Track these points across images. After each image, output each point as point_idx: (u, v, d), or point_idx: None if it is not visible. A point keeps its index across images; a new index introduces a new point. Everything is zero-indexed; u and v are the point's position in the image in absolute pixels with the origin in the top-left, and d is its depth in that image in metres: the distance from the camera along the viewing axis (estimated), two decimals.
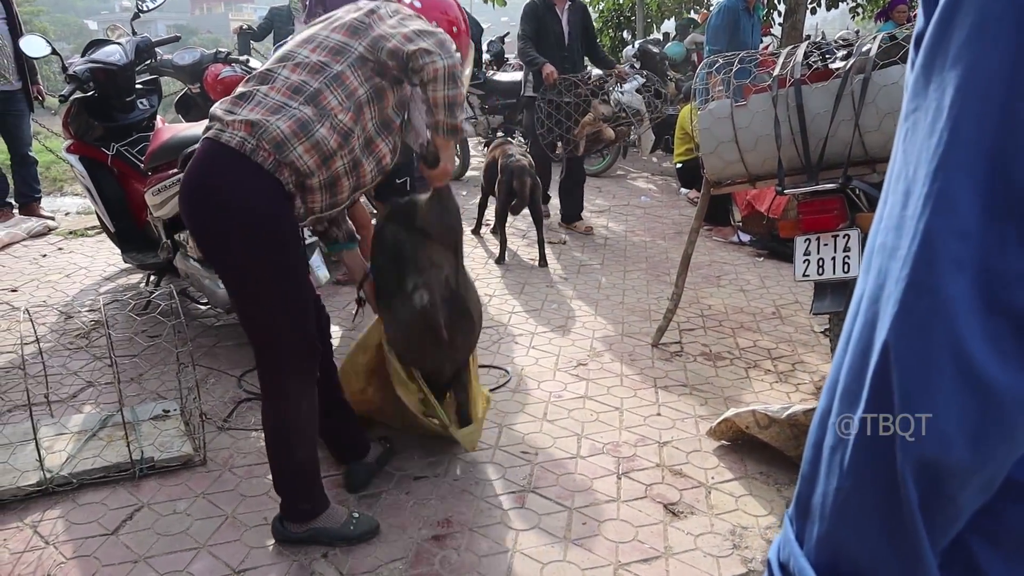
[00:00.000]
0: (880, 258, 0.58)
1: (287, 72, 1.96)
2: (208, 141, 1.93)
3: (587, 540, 2.19)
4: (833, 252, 2.69)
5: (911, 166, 0.56)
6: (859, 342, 0.59)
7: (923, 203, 0.54)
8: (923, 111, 0.56)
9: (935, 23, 0.56)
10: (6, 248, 4.97)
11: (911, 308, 0.54)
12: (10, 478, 2.33)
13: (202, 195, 1.93)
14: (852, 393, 0.58)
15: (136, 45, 4.02)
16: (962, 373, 0.52)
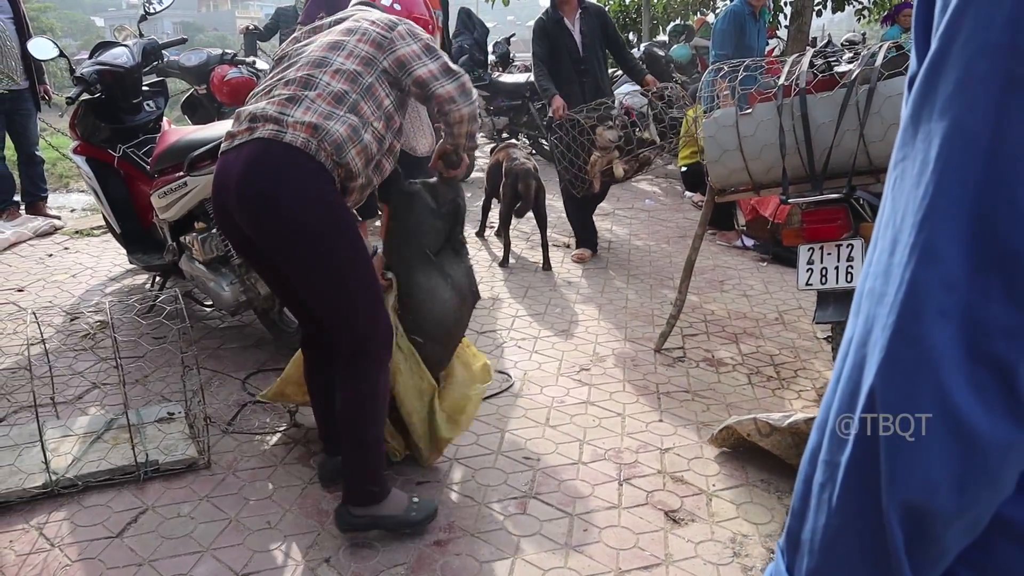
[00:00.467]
0: (868, 303, 0.59)
1: (328, 79, 2.07)
2: (267, 142, 1.98)
3: (588, 547, 2.20)
4: (836, 261, 2.70)
5: (899, 214, 0.58)
6: (847, 384, 0.60)
7: (909, 252, 0.56)
8: (911, 160, 0.58)
9: (923, 74, 0.57)
10: (12, 247, 4.99)
11: (897, 355, 0.55)
12: (16, 480, 2.35)
13: (272, 192, 1.99)
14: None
15: (143, 47, 4.04)
16: (946, 421, 0.53)
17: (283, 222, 2.00)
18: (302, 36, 2.29)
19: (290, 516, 2.29)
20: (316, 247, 2.02)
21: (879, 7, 11.31)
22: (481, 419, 2.87)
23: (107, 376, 3.17)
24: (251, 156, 2.00)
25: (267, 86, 2.15)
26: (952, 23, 0.55)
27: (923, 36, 0.62)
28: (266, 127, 2.00)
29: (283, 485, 2.44)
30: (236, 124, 2.10)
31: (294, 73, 2.10)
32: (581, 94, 4.81)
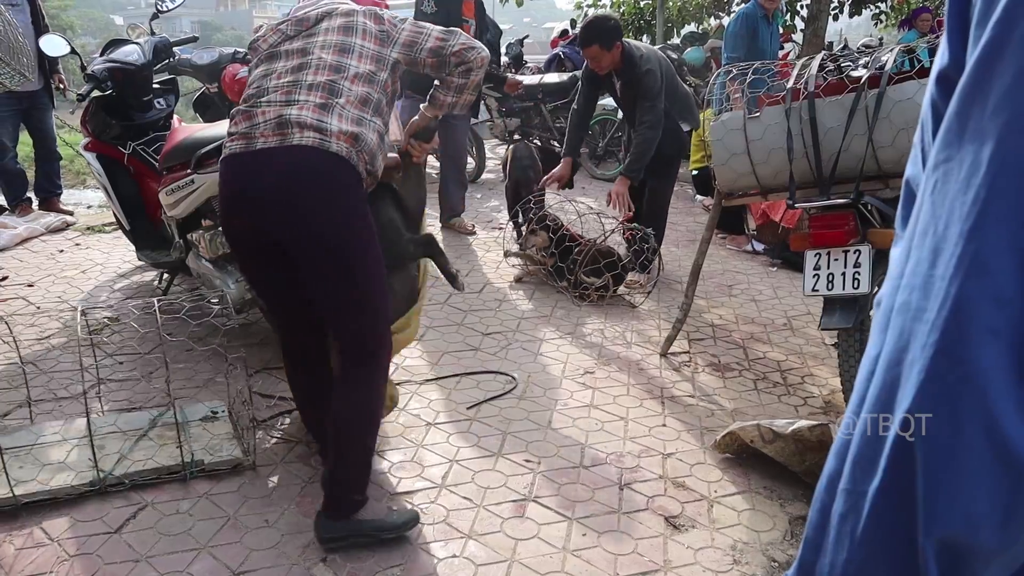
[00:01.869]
0: (902, 319, 0.54)
1: (349, 84, 2.10)
2: (310, 150, 1.99)
3: (586, 551, 2.18)
4: (843, 267, 2.67)
5: (941, 222, 0.52)
6: (875, 406, 0.55)
7: (956, 264, 0.50)
8: (956, 162, 0.52)
9: (974, 67, 0.51)
10: (24, 243, 5.03)
11: (939, 378, 0.50)
12: (65, 476, 2.36)
13: (318, 200, 2.02)
14: (867, 461, 0.55)
15: (154, 45, 4.06)
16: (994, 450, 0.48)
17: (325, 230, 2.02)
18: (288, 30, 2.22)
19: (288, 515, 2.28)
20: (352, 256, 2.07)
21: (896, 11, 11.24)
22: (483, 420, 2.86)
23: (111, 372, 3.18)
24: (292, 163, 1.99)
25: (279, 87, 2.09)
26: (1010, 9, 0.49)
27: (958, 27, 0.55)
28: (305, 134, 2.00)
29: (281, 484, 2.44)
30: (246, 125, 2.05)
31: (313, 77, 2.08)
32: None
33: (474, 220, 5.69)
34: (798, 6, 10.39)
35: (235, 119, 2.11)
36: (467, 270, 4.63)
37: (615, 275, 4.18)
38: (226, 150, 2.10)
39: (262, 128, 2.02)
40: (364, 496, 2.17)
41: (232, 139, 2.09)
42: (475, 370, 3.29)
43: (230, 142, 2.09)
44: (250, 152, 2.02)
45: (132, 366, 3.25)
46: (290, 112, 2.02)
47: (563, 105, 7.81)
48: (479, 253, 5.05)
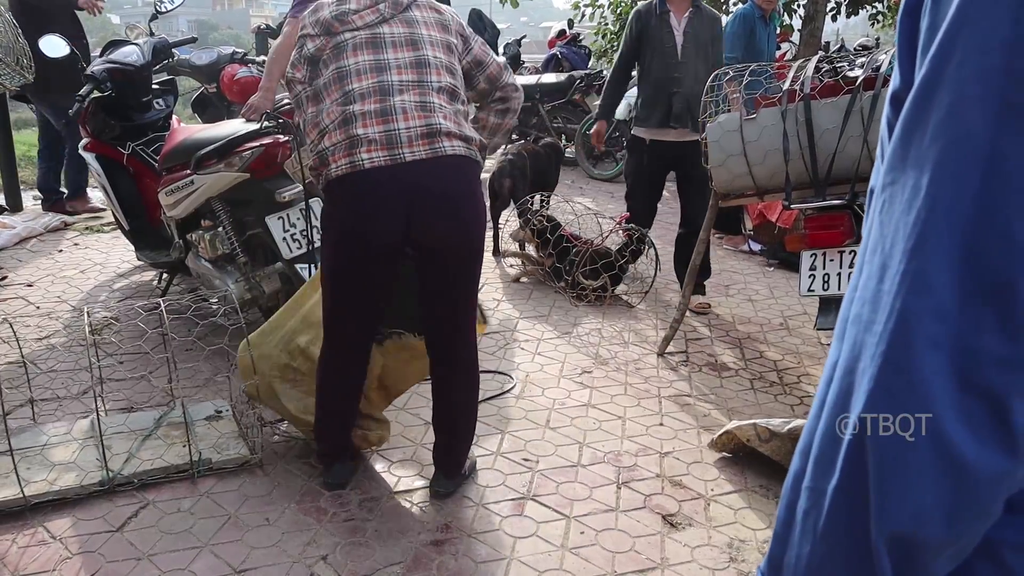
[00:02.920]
0: (855, 329, 0.58)
1: (461, 88, 2.21)
2: (463, 159, 2.10)
3: (584, 549, 2.20)
4: (839, 268, 2.69)
5: (887, 240, 0.56)
6: (833, 410, 0.59)
7: (900, 281, 0.54)
8: (900, 185, 0.56)
9: (913, 97, 0.55)
10: (23, 242, 5.04)
11: (887, 385, 0.54)
12: (73, 476, 2.37)
13: (474, 204, 2.17)
14: (826, 460, 0.59)
15: (153, 46, 4.07)
16: (938, 452, 0.52)
17: (476, 234, 2.18)
18: (385, 11, 2.14)
19: (288, 513, 2.30)
20: (480, 257, 2.26)
21: (893, 11, 11.27)
22: (482, 420, 2.88)
23: (112, 372, 3.19)
24: (449, 174, 2.08)
25: (405, 85, 2.07)
26: (945, 45, 0.53)
27: (908, 52, 0.60)
28: (454, 144, 2.08)
29: (282, 482, 2.45)
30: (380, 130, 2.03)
31: (437, 78, 2.11)
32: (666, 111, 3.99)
33: None
34: (795, 6, 10.41)
35: (364, 119, 2.04)
36: None
37: (612, 276, 4.20)
38: (362, 161, 2.03)
39: (407, 137, 2.04)
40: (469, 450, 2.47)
41: (369, 148, 2.03)
42: None
43: (367, 152, 2.02)
44: (399, 165, 2.03)
45: (132, 365, 3.26)
46: (437, 121, 2.06)
47: (561, 105, 7.84)
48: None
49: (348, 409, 2.42)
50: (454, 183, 2.09)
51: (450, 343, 2.32)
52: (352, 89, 2.09)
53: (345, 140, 2.06)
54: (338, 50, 2.13)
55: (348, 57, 2.11)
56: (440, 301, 2.26)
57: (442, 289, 2.23)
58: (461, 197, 2.11)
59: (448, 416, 2.38)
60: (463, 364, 2.35)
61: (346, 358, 2.35)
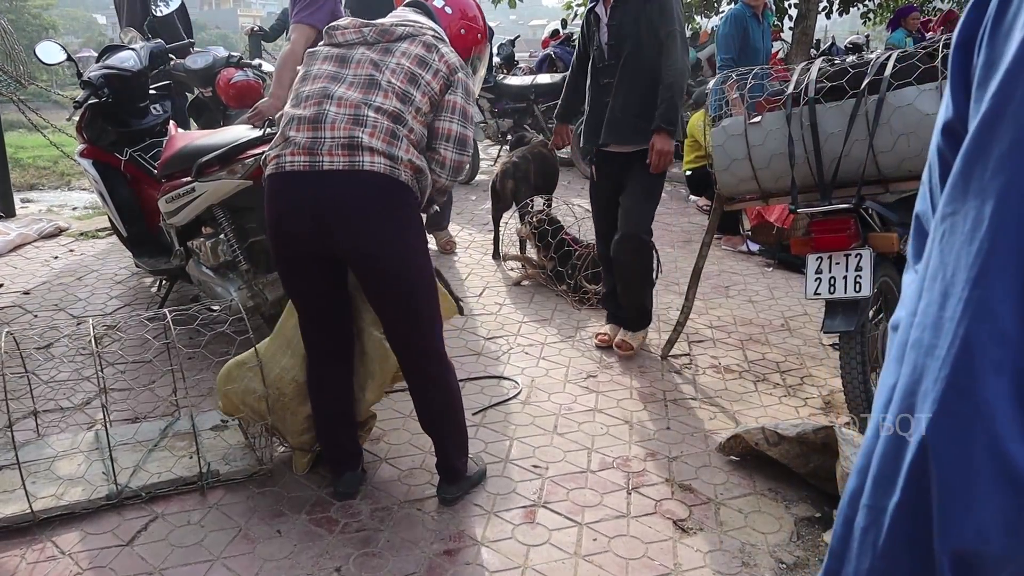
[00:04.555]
0: (915, 354, 0.60)
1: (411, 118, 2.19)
2: (382, 176, 2.10)
3: (597, 556, 2.20)
4: (845, 271, 2.70)
5: (949, 268, 0.59)
6: (893, 431, 0.61)
7: (963, 308, 0.56)
8: (961, 216, 0.58)
9: (975, 132, 0.58)
10: (17, 249, 5.00)
11: (950, 408, 0.56)
12: (80, 490, 2.36)
13: (391, 223, 2.17)
14: (886, 479, 0.61)
15: (150, 51, 4.04)
16: (1000, 471, 0.54)
17: (393, 251, 2.15)
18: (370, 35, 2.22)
19: (299, 525, 2.29)
20: (415, 277, 2.21)
21: (884, 9, 11.32)
22: (489, 426, 2.88)
23: (114, 382, 3.17)
24: (364, 188, 2.08)
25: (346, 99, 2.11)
26: (1007, 82, 0.55)
27: (961, 85, 0.62)
28: (376, 159, 2.07)
29: (292, 494, 2.44)
30: (308, 136, 2.08)
31: (383, 100, 2.13)
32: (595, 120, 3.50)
33: (469, 222, 5.71)
34: (786, 4, 10.44)
35: (298, 124, 2.10)
36: (465, 273, 4.65)
37: None
38: (284, 163, 2.09)
39: (329, 145, 2.07)
40: (467, 457, 2.47)
41: (292, 152, 2.09)
42: (479, 375, 3.31)
43: (290, 155, 2.09)
44: (315, 172, 2.07)
45: (135, 375, 3.24)
46: (360, 135, 2.07)
47: (555, 106, 7.83)
48: (477, 256, 5.06)
49: (342, 415, 2.43)
50: (367, 199, 2.09)
51: (406, 357, 2.33)
52: (301, 92, 2.18)
53: (280, 141, 2.15)
54: (312, 56, 2.26)
55: (315, 64, 2.22)
56: (382, 317, 2.28)
57: (377, 305, 2.26)
58: (373, 214, 2.10)
59: (430, 424, 2.40)
60: (428, 376, 2.34)
61: (323, 364, 2.38)
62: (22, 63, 3.68)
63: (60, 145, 5.84)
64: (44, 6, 34.25)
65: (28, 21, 29.26)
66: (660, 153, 3.28)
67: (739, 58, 5.67)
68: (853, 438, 2.47)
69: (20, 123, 7.14)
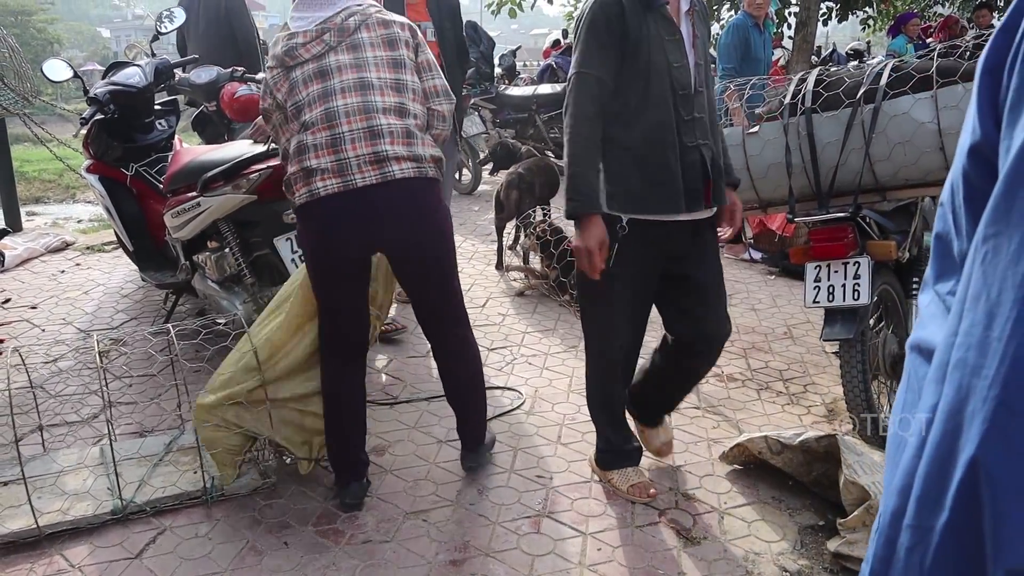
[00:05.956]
0: (959, 373, 0.61)
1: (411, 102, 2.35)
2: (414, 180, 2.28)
3: (602, 566, 2.22)
4: (843, 279, 2.72)
5: (994, 289, 0.59)
6: (938, 450, 0.62)
7: (1012, 327, 0.57)
8: (1005, 237, 0.59)
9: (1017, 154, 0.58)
10: (25, 264, 5.04)
11: (1002, 427, 0.57)
12: (85, 506, 2.38)
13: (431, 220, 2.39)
14: (932, 500, 0.62)
15: (155, 67, 4.09)
16: None
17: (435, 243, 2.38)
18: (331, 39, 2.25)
19: (306, 537, 2.31)
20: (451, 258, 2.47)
21: (883, 16, 11.34)
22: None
23: (120, 396, 3.20)
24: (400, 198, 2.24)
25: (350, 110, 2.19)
26: None
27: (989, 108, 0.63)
28: (403, 166, 2.22)
29: (298, 506, 2.46)
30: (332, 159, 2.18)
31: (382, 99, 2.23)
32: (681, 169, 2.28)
33: (472, 233, 5.74)
34: (787, 13, 10.48)
35: (316, 151, 2.19)
36: (468, 284, 4.67)
37: None
38: (318, 189, 2.18)
39: (356, 164, 2.18)
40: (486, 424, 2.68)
41: (322, 177, 2.18)
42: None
43: (320, 181, 2.18)
44: (351, 191, 2.18)
45: (141, 388, 3.27)
46: (383, 148, 2.19)
47: (557, 116, 7.87)
48: (479, 267, 5.09)
49: (356, 423, 2.47)
50: (405, 205, 2.25)
51: (442, 329, 2.52)
52: (304, 120, 2.23)
53: (300, 171, 2.22)
54: (292, 86, 2.28)
55: (300, 91, 2.25)
56: (420, 299, 2.49)
57: (418, 289, 2.46)
58: (414, 217, 2.28)
59: (464, 390, 2.59)
60: (466, 341, 2.55)
61: (345, 372, 2.44)
62: (29, 80, 3.73)
63: (65, 159, 5.89)
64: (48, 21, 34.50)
65: (33, 36, 29.47)
66: (732, 211, 2.50)
67: (740, 68, 5.69)
68: (856, 446, 2.48)
69: (25, 137, 7.21)
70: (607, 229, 2.24)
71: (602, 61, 2.19)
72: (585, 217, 2.21)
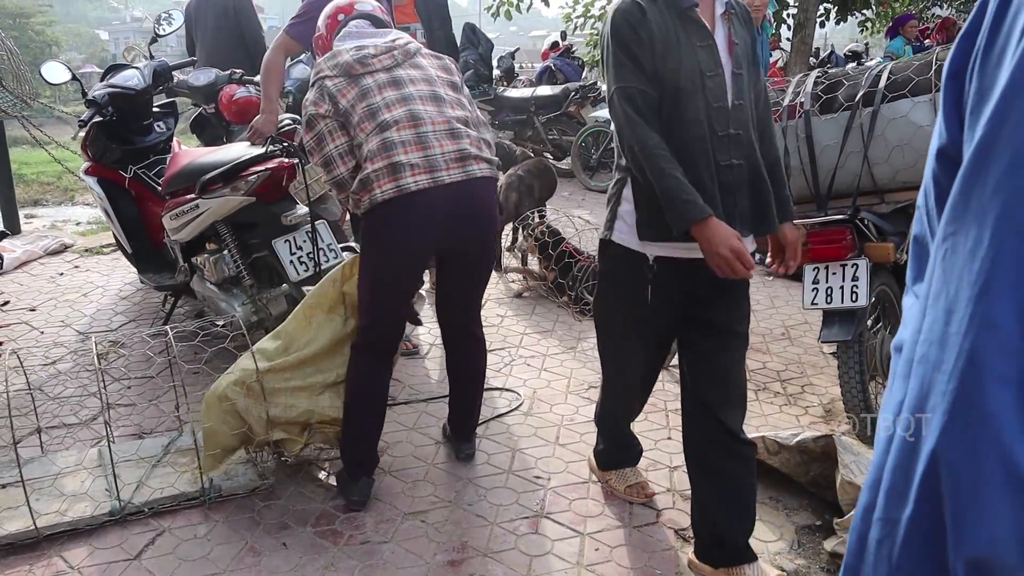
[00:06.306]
0: (922, 369, 0.62)
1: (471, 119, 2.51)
2: (489, 180, 2.41)
3: (600, 566, 2.22)
4: (841, 281, 2.73)
5: (952, 286, 0.61)
6: (903, 445, 0.63)
7: (967, 323, 0.58)
8: (962, 235, 0.60)
9: (972, 155, 0.60)
10: (23, 266, 5.04)
11: (959, 419, 0.58)
12: (83, 507, 2.38)
13: (495, 217, 2.52)
14: (898, 492, 0.63)
15: (154, 69, 4.09)
16: (1010, 479, 0.56)
17: (492, 242, 2.52)
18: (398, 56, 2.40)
19: (304, 537, 2.31)
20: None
21: (882, 18, 11.36)
22: (492, 438, 2.91)
23: (119, 398, 3.20)
24: (480, 194, 2.36)
25: (430, 116, 2.31)
26: (1001, 109, 0.58)
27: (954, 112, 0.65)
28: (481, 166, 2.34)
29: (296, 507, 2.47)
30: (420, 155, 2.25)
31: (452, 111, 2.37)
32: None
33: None
34: (784, 15, 10.49)
35: (404, 147, 2.24)
36: None
37: None
38: (408, 184, 2.22)
39: (443, 161, 2.27)
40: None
41: (413, 173, 2.23)
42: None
43: (411, 176, 2.23)
44: (439, 187, 2.26)
45: (139, 390, 3.27)
46: (465, 146, 2.32)
47: (556, 117, 7.88)
48: None
49: (380, 418, 2.53)
50: (482, 203, 2.37)
51: (464, 324, 2.64)
52: (385, 120, 2.28)
53: (387, 166, 2.24)
54: (364, 90, 2.33)
55: (375, 95, 2.32)
56: (460, 296, 2.58)
57: (463, 286, 2.57)
58: (487, 215, 2.42)
59: (473, 381, 2.70)
60: (474, 346, 2.67)
61: (383, 366, 2.49)
62: (28, 83, 3.73)
63: (63, 161, 5.89)
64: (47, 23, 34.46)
65: (31, 38, 29.42)
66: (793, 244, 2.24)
67: None
68: (852, 446, 2.49)
69: (23, 139, 7.21)
70: (633, 269, 2.07)
71: (637, 70, 1.93)
72: (700, 226, 1.88)
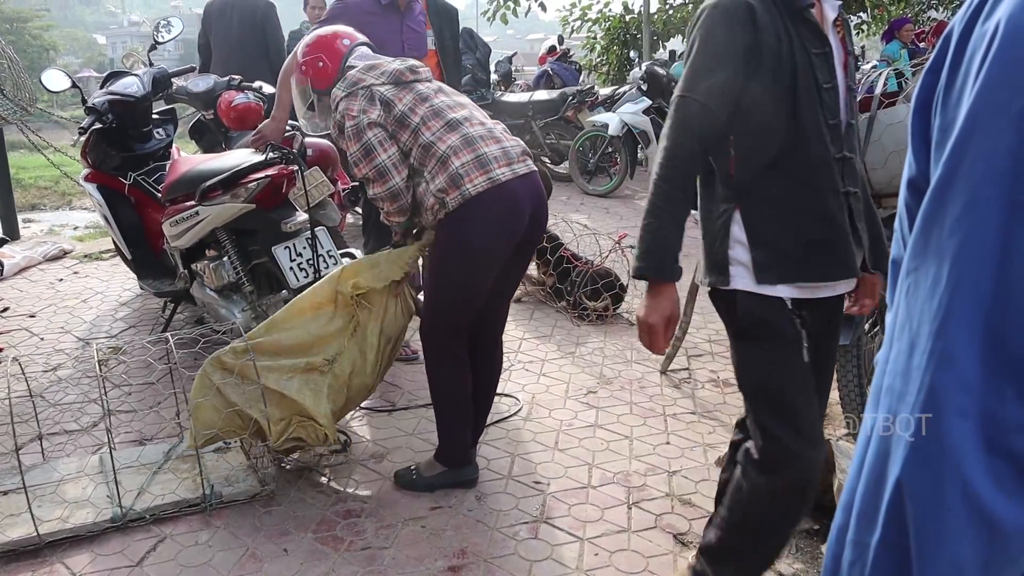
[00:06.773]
0: (888, 399, 0.65)
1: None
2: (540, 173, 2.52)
3: (599, 571, 2.24)
4: None
5: (914, 320, 0.63)
6: (872, 472, 0.66)
7: (928, 358, 0.61)
8: (923, 272, 0.63)
9: (931, 194, 0.62)
10: (23, 272, 5.05)
11: (921, 451, 0.61)
12: (85, 513, 2.39)
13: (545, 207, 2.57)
14: (868, 517, 0.66)
15: (153, 76, 4.11)
16: (970, 509, 0.58)
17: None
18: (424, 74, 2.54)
19: (305, 543, 2.32)
20: None
21: (878, 21, 11.41)
22: (491, 443, 2.92)
23: (120, 404, 3.21)
24: (539, 185, 2.47)
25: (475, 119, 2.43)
26: (957, 148, 0.60)
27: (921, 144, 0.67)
28: (528, 161, 2.44)
29: (298, 513, 2.48)
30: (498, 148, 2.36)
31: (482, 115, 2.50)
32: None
33: None
34: None
35: (484, 140, 2.35)
36: None
37: (614, 295, 4.24)
38: (498, 176, 2.31)
39: (512, 155, 2.38)
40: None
41: (498, 164, 2.33)
42: None
43: (498, 168, 2.32)
44: (518, 178, 2.36)
45: (140, 396, 3.28)
46: (519, 142, 2.47)
47: (553, 122, 7.90)
48: None
49: (468, 413, 2.61)
50: (543, 197, 2.49)
51: (497, 325, 2.68)
52: (455, 117, 2.39)
53: (474, 159, 2.31)
54: (420, 94, 2.44)
55: (433, 98, 2.45)
56: (503, 297, 2.62)
57: (513, 282, 2.62)
58: (547, 209, 2.53)
59: (491, 388, 2.71)
60: (496, 354, 2.71)
61: (465, 360, 2.56)
62: (27, 89, 3.74)
63: (61, 165, 5.91)
64: (44, 27, 34.48)
65: (28, 42, 29.46)
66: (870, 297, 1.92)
67: None
68: (849, 451, 2.50)
69: (21, 144, 7.23)
70: (762, 311, 1.73)
71: (713, 83, 1.63)
72: (656, 284, 1.70)
